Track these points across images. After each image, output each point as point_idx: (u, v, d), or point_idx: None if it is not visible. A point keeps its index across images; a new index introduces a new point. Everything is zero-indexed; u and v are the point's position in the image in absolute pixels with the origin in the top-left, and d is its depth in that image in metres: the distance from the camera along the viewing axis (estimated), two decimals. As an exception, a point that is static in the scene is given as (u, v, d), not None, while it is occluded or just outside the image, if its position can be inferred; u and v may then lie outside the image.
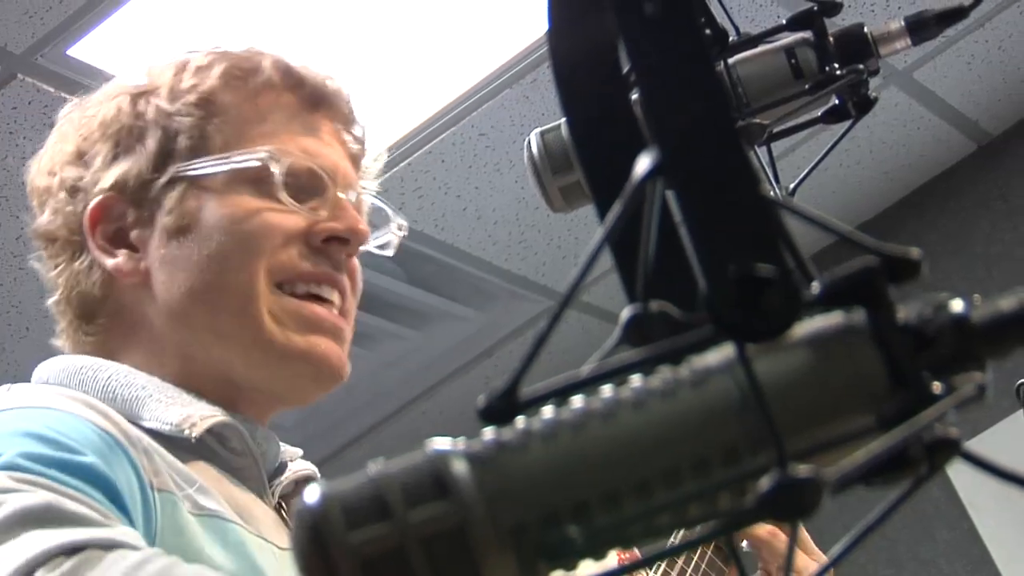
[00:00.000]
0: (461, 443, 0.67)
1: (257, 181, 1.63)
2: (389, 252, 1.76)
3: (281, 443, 1.68)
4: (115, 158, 1.64)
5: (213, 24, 3.46)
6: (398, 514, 0.65)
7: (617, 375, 0.68)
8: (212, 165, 1.62)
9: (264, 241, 1.61)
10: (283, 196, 1.62)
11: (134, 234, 1.62)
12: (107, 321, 1.64)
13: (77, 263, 1.64)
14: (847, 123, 1.40)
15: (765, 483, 0.63)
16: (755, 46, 1.41)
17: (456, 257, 4.45)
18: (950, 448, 0.67)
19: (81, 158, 1.66)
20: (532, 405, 0.67)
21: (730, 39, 1.36)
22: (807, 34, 1.40)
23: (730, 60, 1.37)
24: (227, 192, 1.62)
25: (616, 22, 0.70)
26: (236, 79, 1.69)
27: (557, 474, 0.66)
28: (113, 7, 3.29)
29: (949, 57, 4.46)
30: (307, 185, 1.65)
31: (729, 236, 0.66)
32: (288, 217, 1.63)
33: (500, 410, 0.67)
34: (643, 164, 0.67)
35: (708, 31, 1.36)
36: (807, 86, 1.38)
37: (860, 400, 0.68)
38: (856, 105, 1.40)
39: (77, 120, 1.69)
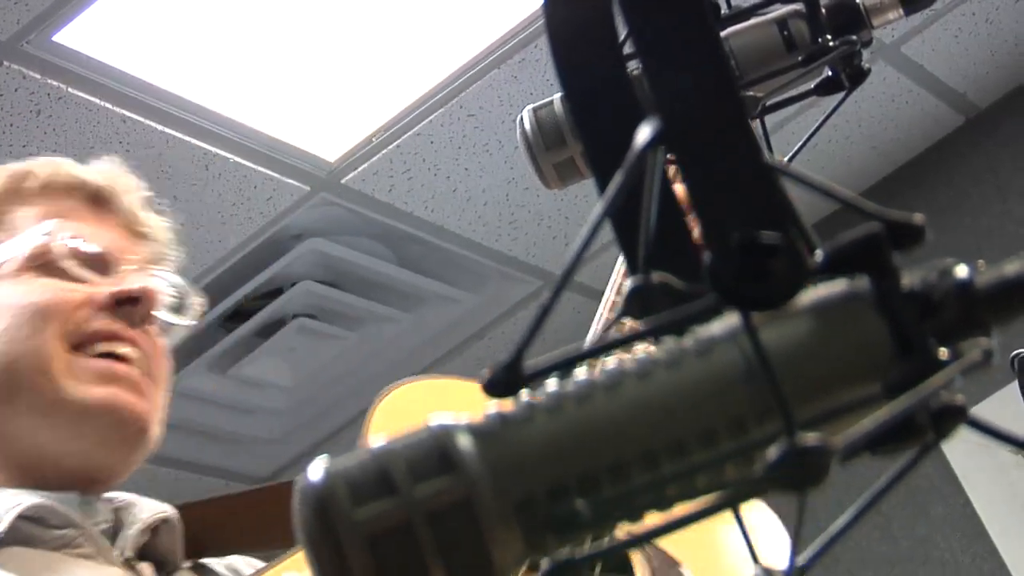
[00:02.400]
0: (465, 416, 0.67)
1: (45, 264, 1.64)
2: (189, 321, 1.73)
3: (145, 499, 1.67)
4: None
5: (198, 7, 3.45)
6: (404, 489, 0.64)
7: (621, 346, 0.68)
8: None
9: (53, 308, 1.61)
10: (68, 265, 1.64)
11: None
12: None
13: None
14: (840, 95, 1.40)
15: (773, 452, 0.63)
16: (747, 19, 1.40)
17: (446, 238, 4.44)
18: (957, 415, 0.67)
19: None
20: (536, 378, 0.67)
21: (722, 12, 1.36)
22: (799, 6, 1.40)
23: (722, 33, 1.37)
24: (15, 276, 1.64)
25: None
26: (12, 187, 1.71)
27: (563, 446, 0.66)
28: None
29: (937, 31, 4.46)
30: (92, 262, 1.66)
31: (732, 203, 0.66)
32: (75, 286, 1.64)
33: (504, 383, 0.67)
34: (644, 133, 0.67)
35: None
36: (800, 58, 1.38)
37: (866, 367, 0.67)
38: (849, 77, 1.40)
39: None
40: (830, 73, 1.38)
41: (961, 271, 0.69)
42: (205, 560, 1.67)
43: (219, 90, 3.62)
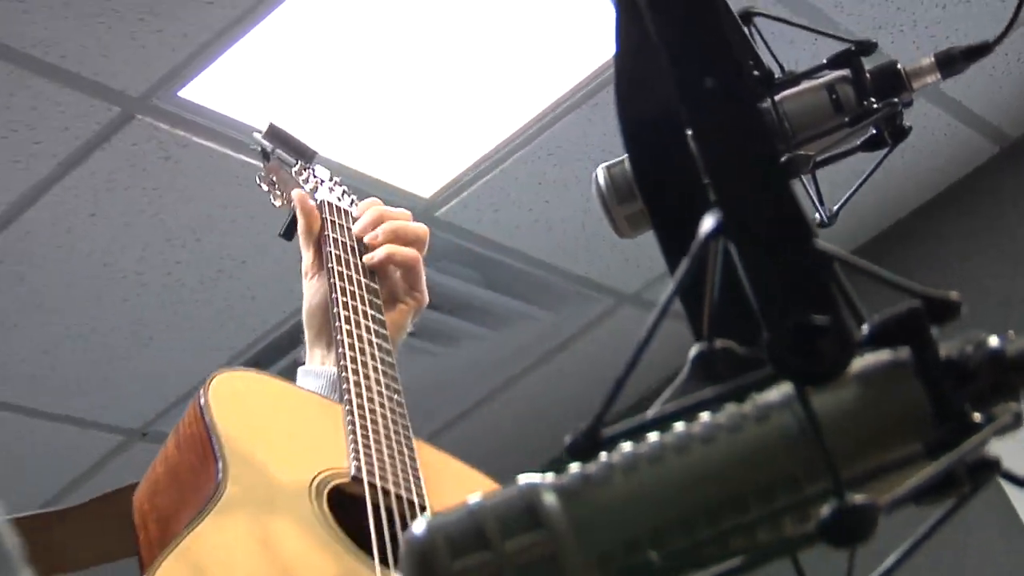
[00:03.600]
0: (550, 477, 0.68)
1: None
2: None
3: None
4: None
5: (310, 60, 3.47)
6: (496, 544, 0.65)
7: (688, 412, 0.69)
8: None
9: None
10: None
11: None
12: None
13: None
14: (884, 151, 1.40)
15: (825, 511, 0.64)
16: (798, 83, 1.40)
17: (528, 263, 4.44)
18: (990, 469, 0.68)
19: None
20: (613, 442, 0.68)
21: (775, 77, 1.35)
22: (846, 72, 1.39)
23: (776, 97, 1.37)
24: None
25: (679, 93, 0.70)
26: None
27: (637, 504, 0.67)
28: (216, 53, 3.30)
29: (973, 70, 4.42)
30: None
31: (786, 289, 0.66)
32: None
33: (584, 447, 0.68)
34: (707, 224, 0.68)
35: (756, 71, 1.36)
36: (847, 119, 1.37)
37: (908, 431, 0.68)
38: (891, 134, 1.40)
39: None
40: (874, 131, 1.38)
41: (993, 341, 0.69)
42: None
43: (326, 136, 3.63)
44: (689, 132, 0.71)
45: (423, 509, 1.61)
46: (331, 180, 2.10)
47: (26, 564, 1.51)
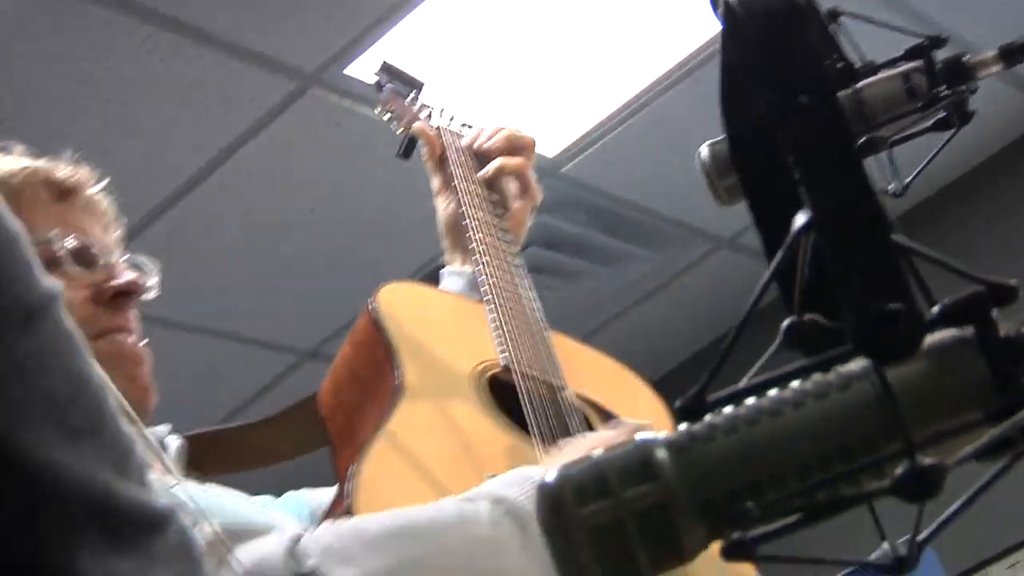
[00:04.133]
0: (663, 434, 0.68)
1: (45, 260, 1.53)
2: (154, 294, 1.66)
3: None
4: None
5: (454, 38, 3.48)
6: (616, 493, 0.65)
7: (781, 381, 0.68)
8: None
9: (70, 310, 1.56)
10: (71, 269, 1.56)
11: None
12: None
13: None
14: (951, 131, 1.38)
15: (899, 469, 0.63)
16: (876, 73, 1.38)
17: (639, 211, 4.42)
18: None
19: None
20: (717, 405, 0.68)
21: (856, 67, 1.34)
22: (919, 63, 1.37)
23: (857, 85, 1.35)
24: None
25: (775, 108, 0.69)
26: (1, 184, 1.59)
27: (736, 460, 0.66)
28: (377, 36, 3.31)
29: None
30: (85, 255, 1.59)
31: (866, 278, 0.65)
32: (78, 285, 1.57)
33: (692, 409, 0.68)
34: (799, 220, 0.67)
35: (840, 64, 1.34)
36: (919, 104, 1.35)
37: (971, 399, 0.67)
38: (958, 117, 1.37)
39: None
40: (943, 115, 1.36)
41: (1047, 319, 0.69)
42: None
43: (465, 101, 3.63)
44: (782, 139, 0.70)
45: (562, 390, 1.63)
46: (439, 107, 2.12)
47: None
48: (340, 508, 1.34)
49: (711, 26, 0.88)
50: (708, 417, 0.68)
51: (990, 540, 4.43)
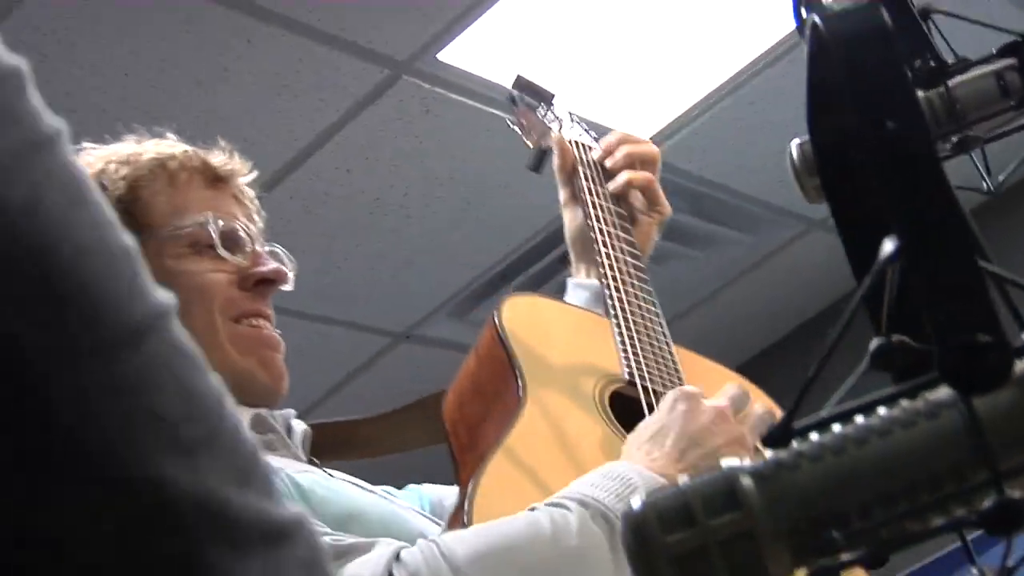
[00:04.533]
0: (748, 462, 0.67)
1: (197, 242, 1.60)
2: (289, 287, 1.69)
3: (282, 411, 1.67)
4: None
5: (542, 25, 3.47)
6: (701, 521, 0.65)
7: (868, 408, 0.67)
8: (167, 236, 1.60)
9: (217, 291, 1.59)
10: (221, 252, 1.60)
11: None
12: None
13: None
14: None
15: (987, 502, 0.63)
16: (968, 71, 1.36)
17: (729, 194, 4.40)
18: None
19: None
20: (803, 433, 0.67)
21: (948, 65, 1.32)
22: (1012, 60, 1.35)
23: (949, 83, 1.33)
24: (179, 258, 1.60)
25: (862, 133, 0.68)
26: (157, 167, 1.64)
27: (822, 489, 0.66)
28: (467, 23, 3.31)
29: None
30: (234, 240, 1.63)
31: (954, 310, 0.64)
32: (225, 268, 1.61)
33: (778, 437, 0.67)
34: (887, 248, 0.66)
35: (931, 62, 1.33)
36: (1012, 103, 1.33)
37: (1062, 427, 0.66)
38: (1056, 115, 1.36)
39: None
40: (1038, 112, 1.34)
41: None
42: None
43: (558, 88, 3.62)
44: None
45: None
46: (570, 118, 2.11)
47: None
48: (458, 522, 1.35)
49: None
50: (794, 444, 0.67)
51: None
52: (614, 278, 1.78)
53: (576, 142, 2.00)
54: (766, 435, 0.68)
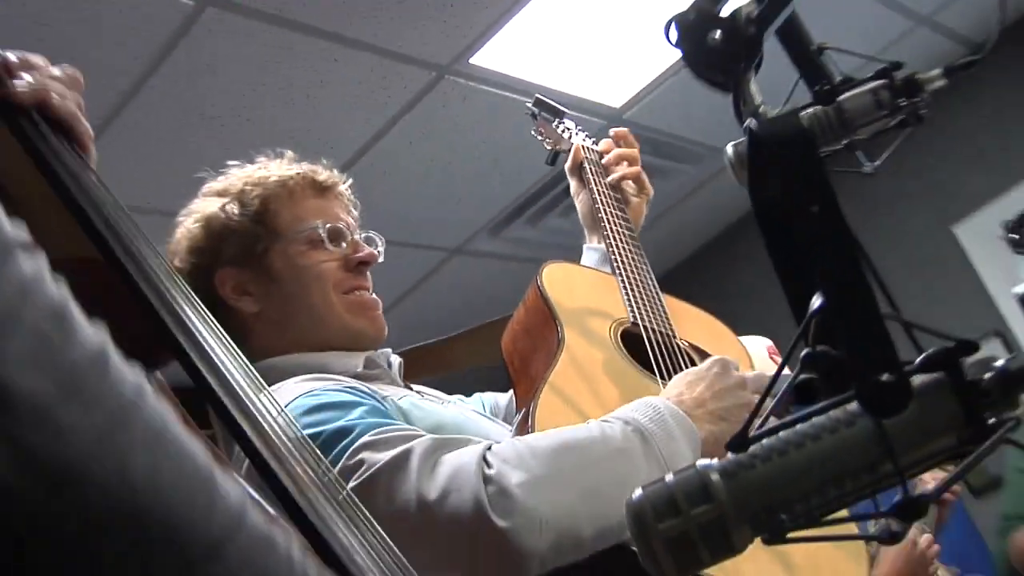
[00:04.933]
0: (716, 462, 0.65)
1: (312, 241, 1.58)
2: (380, 259, 1.66)
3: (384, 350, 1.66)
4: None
5: (548, 25, 3.39)
6: (684, 511, 0.63)
7: (804, 419, 0.64)
8: (291, 238, 1.58)
9: (329, 275, 1.58)
10: (329, 247, 1.58)
11: (251, 287, 1.58)
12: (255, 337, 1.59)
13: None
14: (910, 128, 1.32)
15: (896, 498, 0.60)
16: (851, 88, 1.31)
17: (681, 140, 4.34)
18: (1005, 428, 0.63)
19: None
20: (758, 439, 0.64)
21: (839, 84, 1.28)
22: (884, 81, 1.30)
23: (840, 99, 1.29)
24: (299, 252, 1.58)
25: (791, 209, 0.64)
26: (286, 187, 1.62)
27: (772, 482, 0.64)
28: (491, 33, 3.24)
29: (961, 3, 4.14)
30: (337, 236, 1.60)
31: (865, 356, 0.61)
32: (333, 257, 1.59)
33: (739, 444, 0.64)
34: (815, 303, 0.63)
35: (827, 86, 1.28)
36: (885, 112, 1.29)
37: (946, 430, 0.63)
38: (915, 119, 1.31)
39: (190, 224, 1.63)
40: (903, 117, 1.30)
41: (999, 362, 0.65)
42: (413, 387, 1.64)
43: (547, 67, 3.56)
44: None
45: (674, 338, 1.61)
46: (576, 127, 2.10)
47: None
48: (525, 429, 1.33)
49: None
50: (751, 448, 0.64)
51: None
52: (616, 246, 1.76)
53: (582, 146, 2.00)
54: (729, 443, 0.65)
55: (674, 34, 0.75)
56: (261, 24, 2.81)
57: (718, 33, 0.74)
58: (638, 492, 0.65)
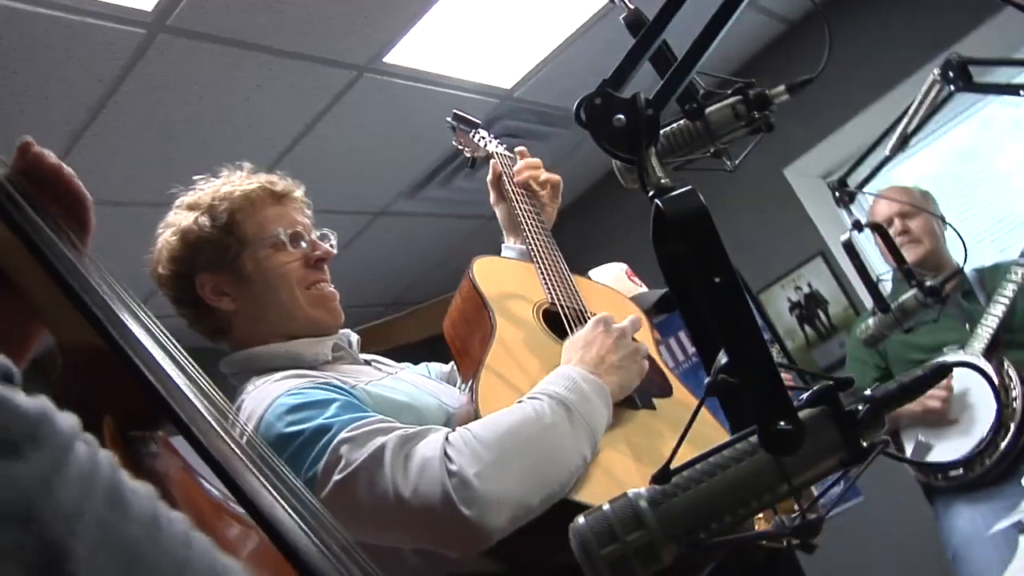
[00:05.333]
0: (644, 491, 0.63)
1: (275, 245, 1.55)
2: (335, 251, 1.63)
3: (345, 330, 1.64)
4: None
5: (493, 17, 3.27)
6: (620, 537, 0.62)
7: (717, 451, 0.63)
8: (257, 244, 1.55)
9: (293, 274, 1.55)
10: (291, 249, 1.56)
11: (227, 288, 1.55)
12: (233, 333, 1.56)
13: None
14: (762, 133, 1.31)
15: (797, 521, 0.60)
16: (714, 103, 1.30)
17: (561, 110, 4.26)
18: (878, 450, 0.63)
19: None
20: (679, 472, 0.63)
21: (705, 101, 1.27)
22: (739, 97, 1.29)
23: (706, 113, 1.28)
24: (266, 256, 1.55)
25: (698, 278, 0.62)
26: (244, 199, 1.57)
27: (691, 508, 0.63)
28: (404, 30, 3.12)
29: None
30: (297, 238, 1.57)
31: (765, 406, 0.60)
32: (294, 258, 1.56)
33: (662, 476, 0.63)
34: (721, 359, 0.62)
35: (696, 104, 1.27)
36: (742, 123, 1.28)
37: (829, 453, 0.63)
38: (767, 126, 1.30)
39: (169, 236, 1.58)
40: (756, 126, 1.29)
41: (867, 392, 0.64)
42: (367, 356, 1.63)
43: (447, 56, 3.47)
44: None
45: (585, 312, 1.59)
46: (489, 135, 2.03)
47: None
48: (469, 404, 1.33)
49: None
50: (674, 479, 0.63)
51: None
52: (533, 240, 1.73)
53: (499, 153, 1.93)
54: (654, 476, 0.64)
55: (583, 116, 0.72)
56: (205, 44, 2.68)
57: (621, 115, 0.71)
58: (581, 520, 0.63)
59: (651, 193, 0.68)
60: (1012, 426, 2.33)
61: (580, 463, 1.20)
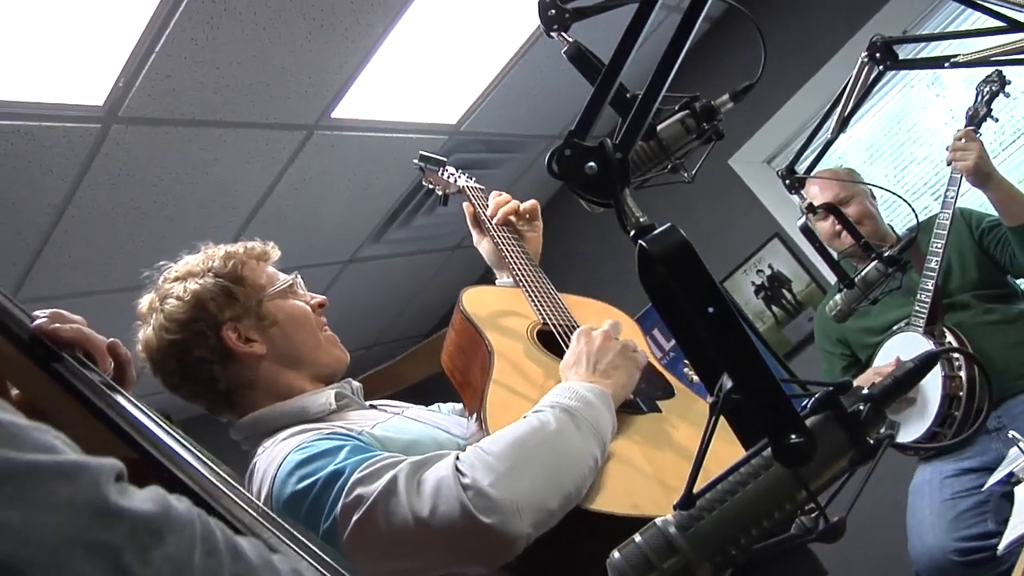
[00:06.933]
0: (671, 518, 0.64)
1: (287, 292, 1.58)
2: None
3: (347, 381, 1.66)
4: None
5: (387, 67, 3.29)
6: (657, 565, 0.63)
7: (735, 469, 0.65)
8: (271, 290, 1.58)
9: (309, 319, 1.58)
10: (302, 294, 1.60)
11: (254, 334, 1.55)
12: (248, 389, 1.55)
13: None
14: (713, 143, 1.33)
15: (820, 524, 0.61)
16: (664, 121, 1.32)
17: (506, 136, 4.29)
18: (885, 445, 0.64)
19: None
20: (702, 495, 0.64)
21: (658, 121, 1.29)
22: (687, 111, 1.32)
23: (658, 129, 1.30)
24: (284, 300, 1.57)
25: (692, 310, 0.64)
26: (246, 258, 1.60)
27: (720, 528, 0.64)
28: (343, 89, 3.14)
29: None
30: (296, 289, 1.60)
31: (775, 423, 0.61)
32: (306, 301, 1.60)
33: (687, 501, 0.64)
34: (726, 383, 0.63)
35: (646, 127, 1.28)
36: (693, 136, 1.31)
37: (840, 456, 0.64)
38: (716, 136, 1.33)
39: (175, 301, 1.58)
40: (706, 136, 1.31)
41: (865, 391, 0.66)
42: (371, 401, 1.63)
43: (394, 106, 3.48)
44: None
45: (576, 328, 1.59)
46: (458, 171, 2.04)
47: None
48: (480, 432, 1.33)
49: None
50: (698, 502, 0.64)
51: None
52: (520, 270, 1.74)
53: (469, 187, 1.93)
54: (677, 503, 0.65)
55: (555, 168, 0.74)
56: (159, 128, 2.68)
57: (592, 163, 0.72)
58: (616, 555, 0.64)
59: (632, 234, 0.70)
60: (962, 395, 2.37)
61: (592, 464, 1.21)
